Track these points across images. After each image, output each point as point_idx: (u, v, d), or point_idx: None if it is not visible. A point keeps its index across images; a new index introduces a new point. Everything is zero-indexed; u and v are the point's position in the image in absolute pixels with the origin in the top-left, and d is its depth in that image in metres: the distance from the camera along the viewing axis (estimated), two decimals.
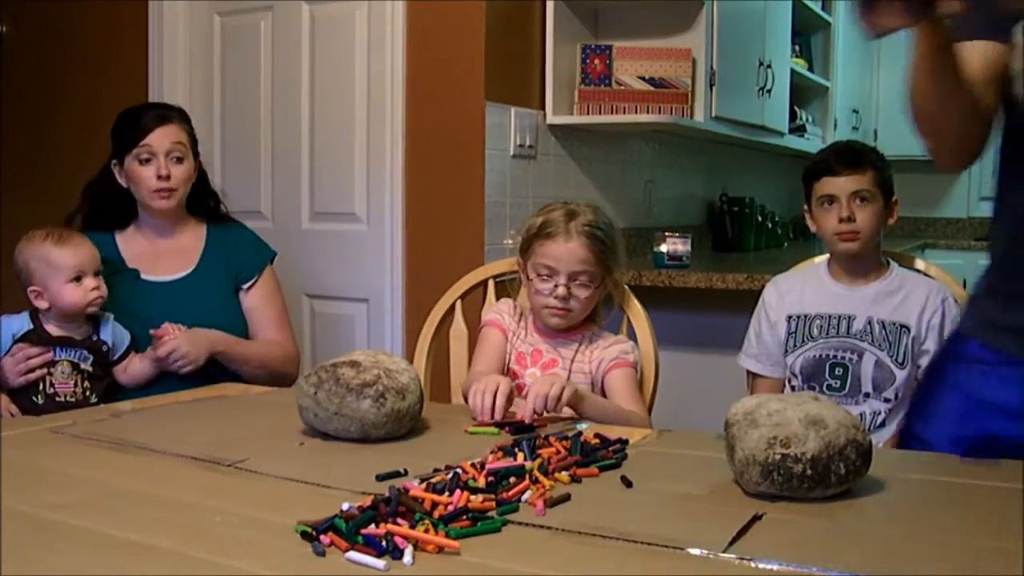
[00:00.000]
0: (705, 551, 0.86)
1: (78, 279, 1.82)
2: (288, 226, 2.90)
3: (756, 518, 0.95)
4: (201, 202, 2.14)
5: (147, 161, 1.99)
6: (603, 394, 1.72)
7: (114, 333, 1.90)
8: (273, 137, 2.98)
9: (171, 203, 2.02)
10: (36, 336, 1.83)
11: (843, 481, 1.00)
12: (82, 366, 1.84)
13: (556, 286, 1.71)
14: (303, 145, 2.91)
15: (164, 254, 2.08)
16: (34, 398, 1.80)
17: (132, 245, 2.08)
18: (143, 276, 2.04)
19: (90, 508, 1.00)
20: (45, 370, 1.81)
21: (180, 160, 2.01)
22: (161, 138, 1.99)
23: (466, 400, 1.56)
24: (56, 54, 3.34)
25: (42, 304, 1.83)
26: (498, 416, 1.44)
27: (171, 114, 2.05)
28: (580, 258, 1.71)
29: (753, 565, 0.83)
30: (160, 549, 0.87)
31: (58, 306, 1.82)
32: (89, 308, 1.83)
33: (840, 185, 1.91)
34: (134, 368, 1.88)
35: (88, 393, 1.83)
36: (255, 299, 2.10)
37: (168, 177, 1.99)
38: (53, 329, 1.84)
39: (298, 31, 2.90)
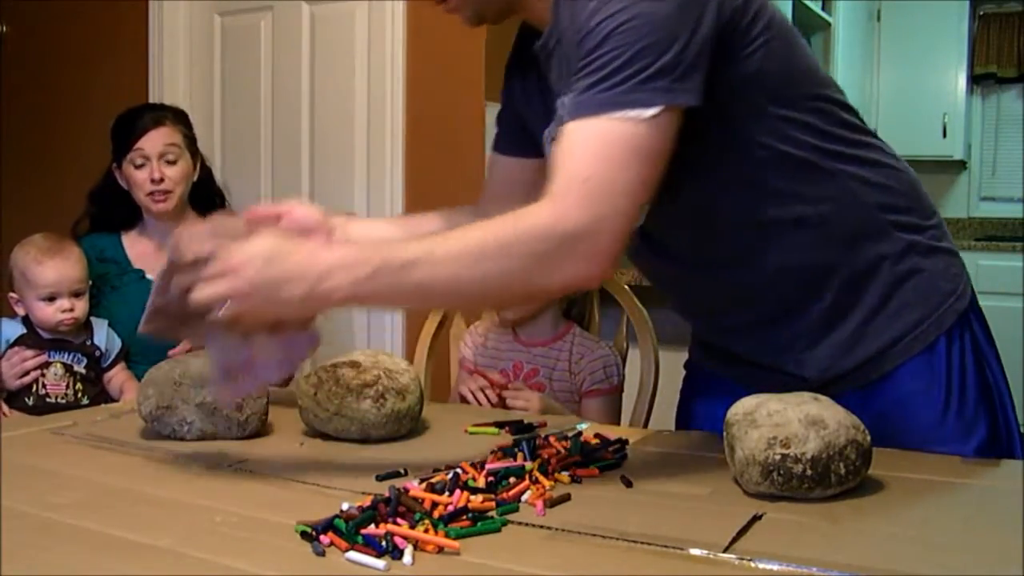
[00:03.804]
0: (705, 551, 0.86)
1: (52, 299, 1.82)
2: None
3: (756, 518, 0.94)
4: (207, 201, 2.15)
5: (141, 165, 2.01)
6: (580, 413, 1.73)
7: (107, 339, 1.90)
8: (273, 137, 2.98)
9: (167, 205, 2.03)
10: (30, 339, 1.83)
11: (843, 481, 1.00)
12: (75, 368, 1.84)
13: None
14: (303, 145, 2.91)
15: None
16: (26, 399, 1.81)
17: (138, 246, 2.10)
18: (148, 276, 2.05)
19: (90, 508, 1.00)
20: (40, 372, 1.82)
21: (173, 162, 2.03)
22: (154, 141, 2.01)
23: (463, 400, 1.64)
24: (56, 54, 3.34)
25: (19, 311, 1.85)
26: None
27: (164, 116, 2.06)
28: None
29: (753, 565, 0.83)
30: (160, 549, 0.87)
31: (32, 318, 1.84)
32: (59, 327, 1.83)
33: None
34: (118, 384, 1.88)
35: (80, 395, 1.83)
36: None
37: (161, 180, 2.00)
38: (46, 332, 1.85)
39: (298, 31, 2.90)
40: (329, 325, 2.97)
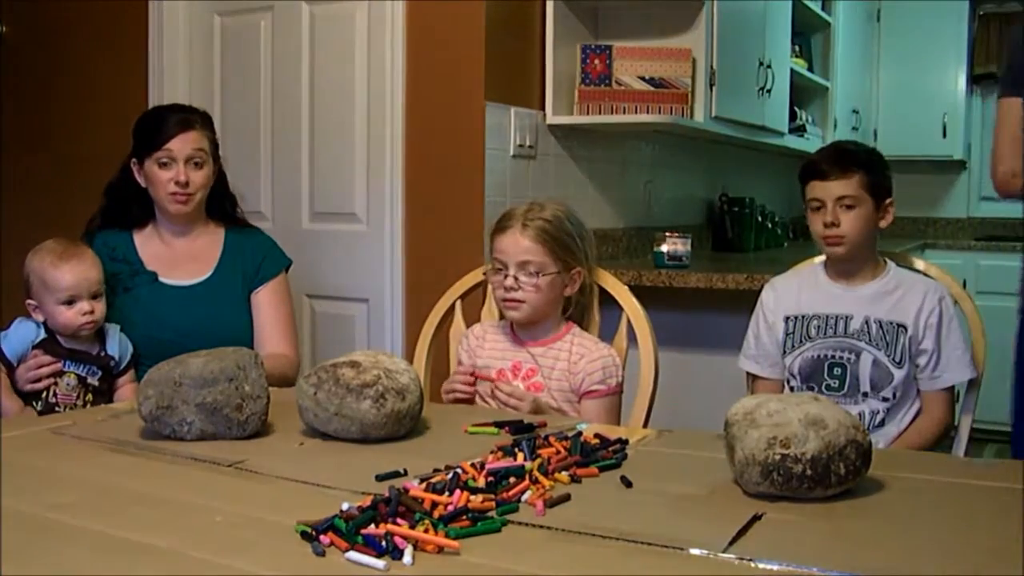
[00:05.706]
0: (705, 551, 0.86)
1: (71, 302, 1.82)
2: (288, 226, 2.90)
3: (756, 518, 0.95)
4: (219, 204, 2.15)
5: (166, 165, 2.00)
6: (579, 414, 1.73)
7: (120, 345, 1.90)
8: (273, 137, 2.98)
9: (188, 207, 2.03)
10: (50, 346, 1.83)
11: (843, 481, 1.00)
12: (89, 380, 1.84)
13: (505, 276, 1.73)
14: (303, 145, 2.91)
15: (182, 258, 2.09)
16: (34, 403, 1.81)
17: (150, 245, 2.10)
18: (161, 279, 2.06)
19: (90, 508, 1.00)
20: (52, 380, 1.82)
21: (200, 166, 2.03)
22: (182, 144, 2.00)
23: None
24: (56, 54, 3.34)
25: (38, 317, 1.85)
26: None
27: (194, 119, 2.05)
28: (524, 248, 1.73)
29: (753, 565, 0.83)
30: (160, 549, 0.87)
31: (52, 324, 1.84)
32: (81, 331, 1.83)
33: (826, 190, 1.92)
34: (124, 395, 1.88)
35: (88, 407, 1.83)
36: (262, 298, 2.11)
37: (187, 183, 2.00)
38: (65, 340, 1.85)
39: (298, 31, 2.90)
40: (329, 325, 2.98)
